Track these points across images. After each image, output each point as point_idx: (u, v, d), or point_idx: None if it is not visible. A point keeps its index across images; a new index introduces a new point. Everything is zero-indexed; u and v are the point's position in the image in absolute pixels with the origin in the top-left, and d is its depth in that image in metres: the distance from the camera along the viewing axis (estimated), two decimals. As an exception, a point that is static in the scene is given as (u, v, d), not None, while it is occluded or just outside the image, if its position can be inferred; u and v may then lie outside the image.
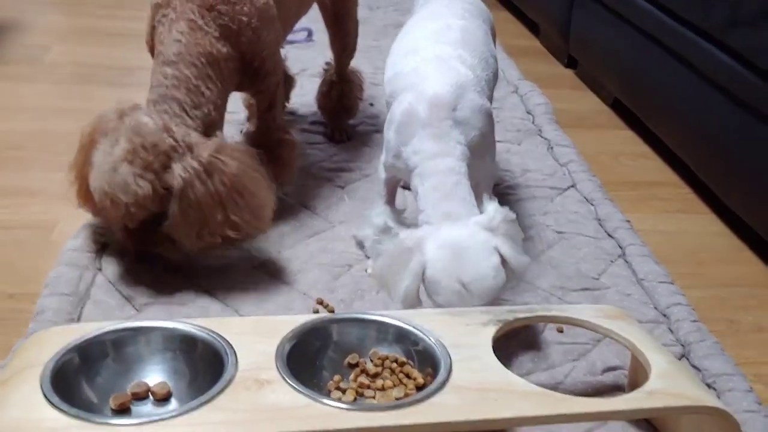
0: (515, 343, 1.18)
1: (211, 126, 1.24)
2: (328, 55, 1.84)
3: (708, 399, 0.90)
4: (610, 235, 1.50)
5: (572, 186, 1.68)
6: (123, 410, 0.84)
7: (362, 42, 2.51)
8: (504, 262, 1.05)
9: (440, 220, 1.08)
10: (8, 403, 0.78)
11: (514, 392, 0.85)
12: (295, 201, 1.53)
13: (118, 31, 2.51)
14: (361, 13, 2.74)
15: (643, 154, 1.96)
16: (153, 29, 1.30)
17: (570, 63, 2.51)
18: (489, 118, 1.23)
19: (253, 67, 1.33)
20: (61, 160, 1.33)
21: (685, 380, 0.92)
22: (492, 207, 1.08)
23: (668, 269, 1.41)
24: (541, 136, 1.91)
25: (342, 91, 1.81)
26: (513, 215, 1.10)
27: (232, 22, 1.27)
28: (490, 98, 1.32)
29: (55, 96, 2.02)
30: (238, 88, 1.38)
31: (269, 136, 1.47)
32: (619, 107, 2.18)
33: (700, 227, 1.64)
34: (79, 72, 2.17)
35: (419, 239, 1.06)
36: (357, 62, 2.33)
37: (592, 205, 1.60)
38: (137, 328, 0.92)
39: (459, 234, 1.05)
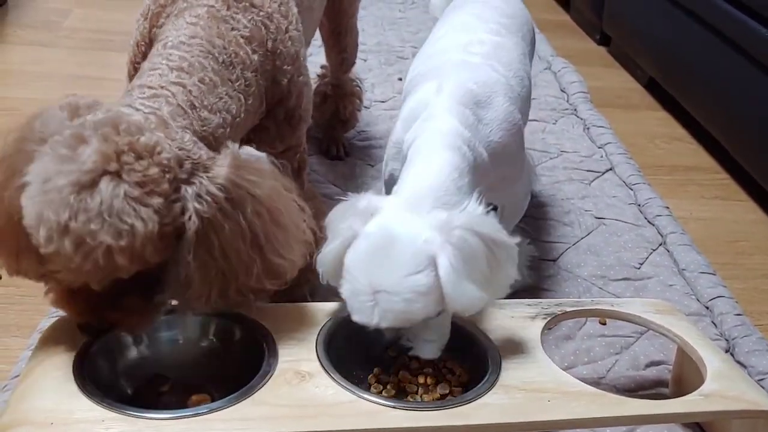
0: (556, 335, 1.13)
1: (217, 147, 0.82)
2: (321, 59, 1.61)
3: (767, 402, 0.86)
4: (650, 222, 1.45)
5: (610, 169, 1.63)
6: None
7: (389, 14, 2.45)
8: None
9: (407, 189, 0.85)
10: (39, 390, 0.74)
11: (567, 393, 0.81)
12: (324, 179, 1.48)
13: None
14: (388, -17, 2.63)
15: (679, 137, 1.90)
16: (146, 43, 0.93)
17: (603, 40, 2.43)
18: (518, 131, 1.03)
19: (287, 107, 0.97)
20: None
21: (740, 382, 0.88)
22: (471, 206, 0.82)
23: (707, 259, 1.36)
24: (577, 116, 1.86)
25: (337, 105, 1.56)
26: (495, 229, 0.81)
27: (269, 20, 0.93)
28: (524, 121, 1.11)
29: (71, 63, 1.98)
30: (256, 140, 0.97)
31: None
32: (653, 87, 2.11)
33: (738, 215, 1.59)
34: (97, 38, 2.12)
35: (373, 206, 0.82)
36: (384, 35, 2.28)
37: (630, 189, 1.55)
38: (173, 312, 0.85)
39: (404, 221, 0.80)
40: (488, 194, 1.03)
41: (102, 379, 0.78)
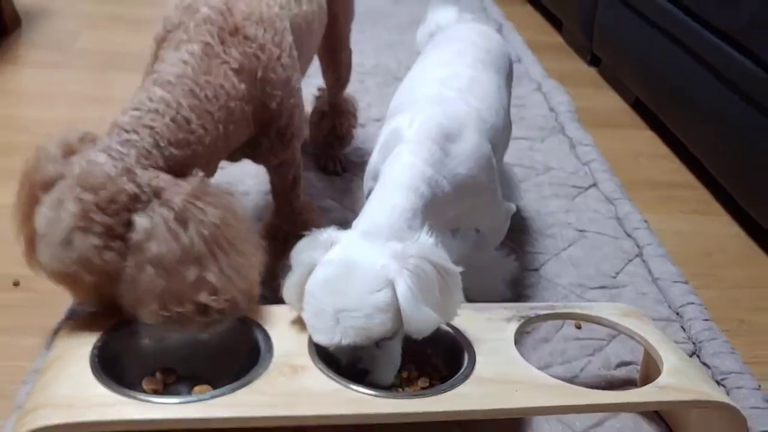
0: (535, 338, 1.22)
1: (187, 173, 0.94)
2: (319, 81, 1.70)
3: (716, 394, 0.94)
4: (628, 235, 1.53)
5: (593, 185, 1.71)
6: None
7: (387, 37, 2.55)
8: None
9: (364, 223, 0.94)
10: (57, 381, 0.83)
11: (535, 384, 0.89)
12: (322, 194, 1.57)
13: (148, 19, 2.53)
14: (386, 7, 2.78)
15: (662, 155, 1.98)
16: (152, 64, 1.04)
17: (593, 61, 2.53)
18: (487, 163, 1.08)
19: (278, 126, 1.08)
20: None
21: (694, 377, 0.97)
22: (423, 238, 0.91)
23: (683, 270, 1.44)
24: (564, 134, 1.95)
25: (334, 122, 1.67)
26: (444, 258, 0.90)
27: (261, 50, 1.03)
28: (501, 150, 1.18)
29: (83, 83, 2.05)
30: (252, 155, 1.12)
31: (294, 222, 1.22)
32: (640, 107, 2.20)
33: (715, 229, 1.67)
34: (107, 59, 2.20)
35: (333, 238, 0.92)
36: (382, 57, 2.38)
37: (612, 204, 1.64)
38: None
39: (362, 250, 0.89)
40: (463, 220, 1.14)
41: (114, 371, 0.87)
